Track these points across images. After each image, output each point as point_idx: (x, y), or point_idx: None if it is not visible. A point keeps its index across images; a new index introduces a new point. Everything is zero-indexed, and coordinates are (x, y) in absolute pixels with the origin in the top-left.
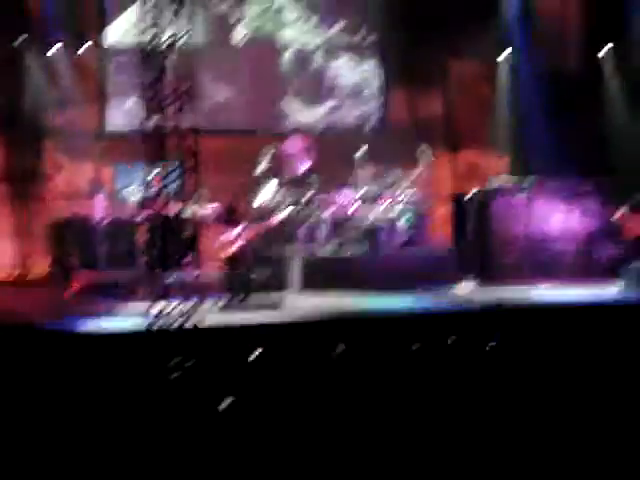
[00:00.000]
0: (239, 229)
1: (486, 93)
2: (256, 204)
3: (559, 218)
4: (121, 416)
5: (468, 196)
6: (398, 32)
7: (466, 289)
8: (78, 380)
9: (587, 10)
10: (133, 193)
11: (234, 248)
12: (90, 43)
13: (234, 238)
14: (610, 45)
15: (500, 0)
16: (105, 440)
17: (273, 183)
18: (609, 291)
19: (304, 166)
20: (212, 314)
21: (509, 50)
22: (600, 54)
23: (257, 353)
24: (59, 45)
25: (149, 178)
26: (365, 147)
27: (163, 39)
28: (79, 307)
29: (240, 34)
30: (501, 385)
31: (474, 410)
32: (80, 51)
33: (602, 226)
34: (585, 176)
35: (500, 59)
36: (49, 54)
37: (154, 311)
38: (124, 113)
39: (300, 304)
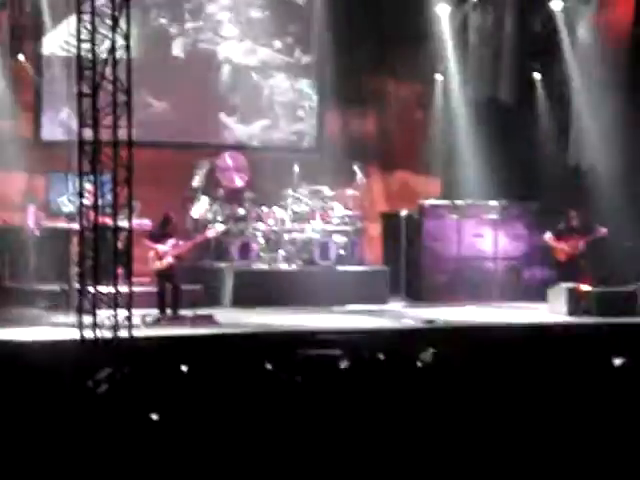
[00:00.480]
0: (172, 242)
1: (420, 115)
2: (190, 218)
3: (489, 240)
4: (47, 428)
5: (401, 215)
6: (334, 51)
7: (397, 307)
8: (5, 390)
9: (519, 37)
10: (66, 204)
11: (166, 261)
12: (26, 53)
13: (166, 251)
14: (539, 73)
15: (436, 24)
16: (31, 452)
17: (207, 197)
18: (538, 312)
19: (239, 181)
20: (143, 327)
21: (443, 73)
22: (531, 82)
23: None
24: None
25: (82, 189)
26: (300, 164)
27: (100, 51)
28: (7, 317)
29: (178, 48)
30: (432, 403)
31: (404, 427)
32: (16, 60)
33: (531, 249)
34: (513, 200)
35: (435, 82)
36: None
37: (85, 322)
38: (59, 123)
39: (230, 319)
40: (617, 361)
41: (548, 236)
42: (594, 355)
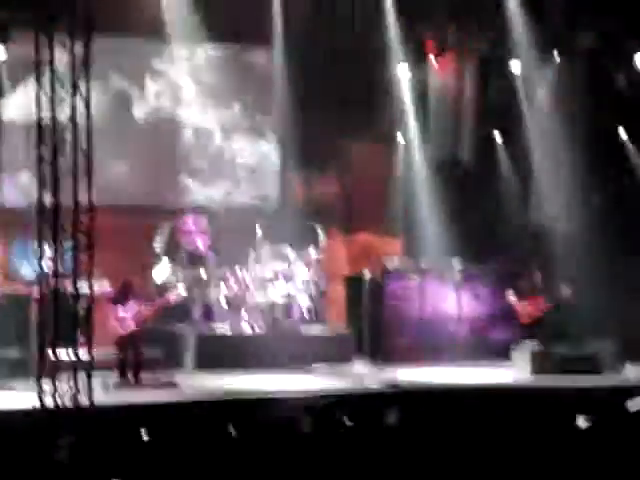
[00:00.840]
0: (133, 307)
1: (382, 175)
2: (151, 282)
3: (451, 301)
4: None
5: (363, 277)
6: (295, 113)
7: (361, 369)
8: None
9: (479, 97)
10: (27, 269)
11: (127, 326)
12: None
13: (128, 316)
14: (500, 134)
15: (397, 84)
16: None
17: (169, 260)
18: (502, 372)
19: (200, 244)
20: (103, 393)
21: (403, 135)
22: (491, 143)
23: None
24: None
25: (43, 255)
26: (262, 226)
27: (60, 115)
28: None
29: (139, 111)
30: (398, 465)
31: None
32: None
33: (494, 309)
34: (475, 261)
35: (395, 144)
36: None
37: (44, 389)
38: (18, 188)
39: (193, 383)
40: (581, 421)
41: (510, 295)
42: (558, 415)
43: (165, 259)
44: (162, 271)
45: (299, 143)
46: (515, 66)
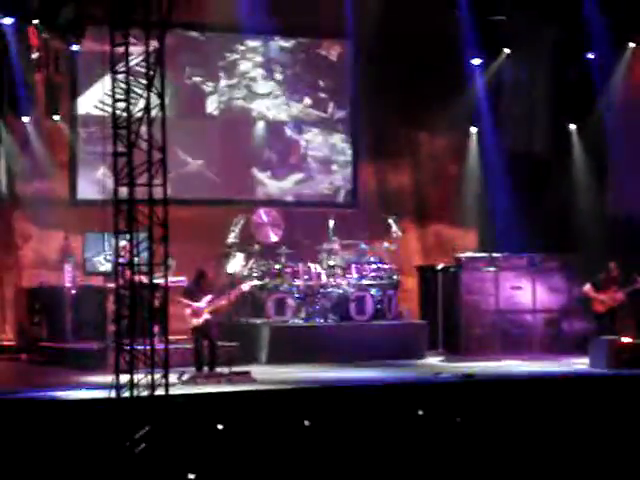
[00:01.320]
0: (207, 299)
1: (455, 167)
2: (225, 274)
3: (527, 292)
4: None
5: (437, 268)
6: (367, 105)
7: (435, 361)
8: (44, 451)
9: (554, 90)
10: (102, 262)
11: (202, 318)
12: (61, 112)
13: (202, 308)
14: (575, 125)
15: (470, 77)
16: None
17: (242, 253)
18: (577, 366)
19: (274, 237)
20: (179, 385)
21: (477, 127)
22: (566, 133)
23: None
24: (32, 114)
25: (118, 247)
26: (335, 218)
27: (135, 109)
28: (45, 377)
29: (212, 106)
30: (471, 457)
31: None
32: (51, 120)
33: (569, 301)
34: (550, 253)
35: (469, 135)
36: (21, 122)
37: (122, 381)
38: (94, 182)
39: (268, 375)
40: None
41: (587, 287)
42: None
43: (239, 252)
44: (236, 264)
45: (371, 135)
46: (590, 55)
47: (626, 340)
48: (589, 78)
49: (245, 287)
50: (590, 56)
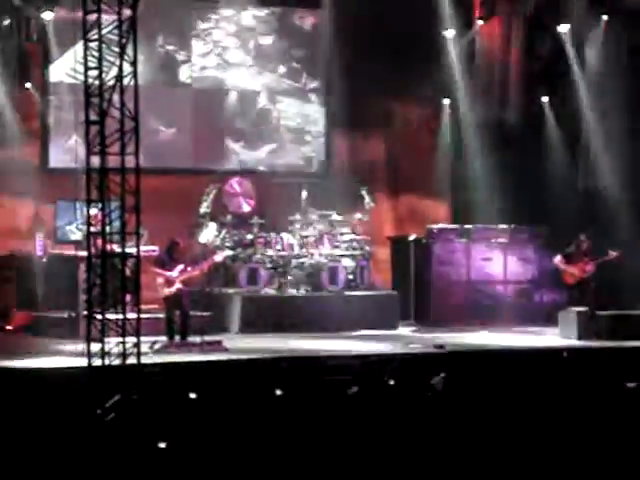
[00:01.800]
0: (179, 268)
1: (428, 138)
2: (198, 244)
3: (498, 263)
4: (57, 455)
5: (409, 240)
6: (341, 76)
7: (407, 332)
8: (14, 420)
9: (527, 58)
10: (74, 231)
11: (174, 288)
12: (33, 80)
13: (174, 277)
14: (547, 95)
15: (443, 47)
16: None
17: (215, 223)
18: (548, 336)
19: (246, 207)
20: (151, 354)
21: (450, 98)
22: (539, 105)
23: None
24: (2, 82)
25: (90, 216)
26: (308, 189)
27: (107, 78)
28: (16, 346)
29: (185, 74)
30: (442, 427)
31: (414, 453)
32: (23, 88)
33: (540, 272)
34: (522, 224)
35: (442, 106)
36: None
37: (93, 350)
38: (66, 151)
39: (240, 345)
40: (630, 385)
41: (558, 259)
42: (606, 379)
43: (211, 222)
44: (208, 234)
45: (345, 105)
46: (563, 28)
47: (595, 311)
48: (562, 49)
49: (218, 258)
50: (562, 28)
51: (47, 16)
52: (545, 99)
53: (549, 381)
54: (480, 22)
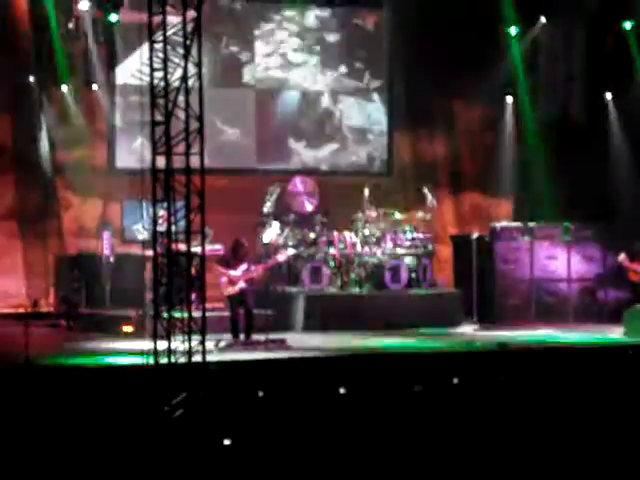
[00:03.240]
0: (243, 267)
1: (490, 137)
2: (261, 243)
3: (562, 262)
4: (124, 452)
5: (472, 238)
6: (403, 76)
7: (469, 330)
8: (82, 417)
9: (590, 59)
10: (141, 231)
11: (238, 286)
12: (100, 82)
13: (238, 276)
14: (611, 92)
15: (505, 47)
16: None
17: (278, 222)
18: (612, 334)
19: (309, 206)
20: (216, 352)
21: (513, 95)
22: (603, 102)
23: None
24: (70, 83)
25: (156, 216)
26: (370, 187)
27: (172, 79)
28: (84, 343)
29: (249, 75)
30: (506, 425)
31: (478, 451)
32: (90, 90)
33: (604, 270)
34: (586, 221)
35: (505, 104)
36: (60, 92)
37: (159, 348)
38: (132, 151)
39: (303, 343)
40: None
41: (622, 257)
42: None
43: (274, 221)
44: (271, 233)
45: (407, 104)
46: (628, 25)
47: None
48: (626, 47)
49: (281, 257)
50: (627, 25)
51: (114, 18)
52: (609, 97)
53: (614, 379)
54: (543, 19)
